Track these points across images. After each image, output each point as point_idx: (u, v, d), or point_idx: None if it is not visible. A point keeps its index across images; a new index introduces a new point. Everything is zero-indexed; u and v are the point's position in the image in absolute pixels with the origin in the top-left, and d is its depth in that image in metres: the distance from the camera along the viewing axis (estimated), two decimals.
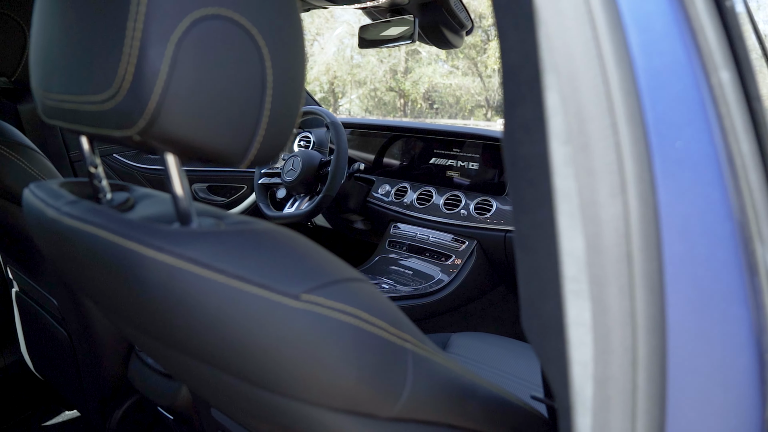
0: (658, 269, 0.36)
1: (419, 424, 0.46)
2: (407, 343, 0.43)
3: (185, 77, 0.36)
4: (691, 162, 0.35)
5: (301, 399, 0.39)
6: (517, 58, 0.37)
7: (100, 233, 0.39)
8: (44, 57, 0.45)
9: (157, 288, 0.37)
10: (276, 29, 0.40)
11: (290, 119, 0.43)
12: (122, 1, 0.35)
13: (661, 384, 0.38)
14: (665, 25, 0.34)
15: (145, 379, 1.01)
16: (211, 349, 0.39)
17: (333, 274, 0.40)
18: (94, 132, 0.42)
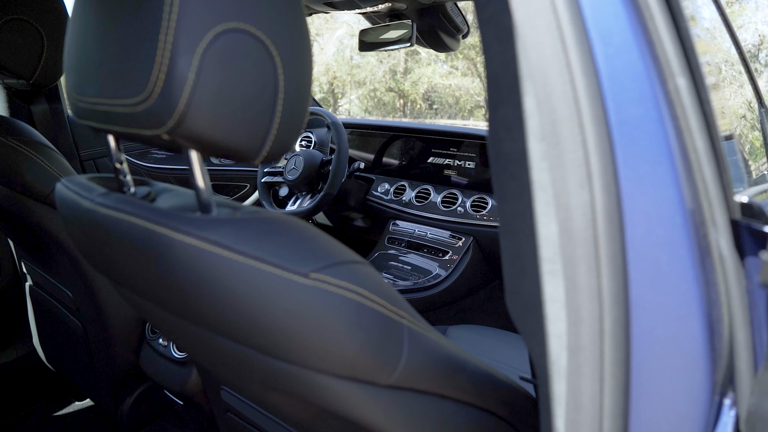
0: (621, 250, 0.41)
1: (414, 393, 0.51)
2: (403, 320, 0.48)
3: (209, 83, 0.41)
4: (648, 157, 0.40)
5: (309, 366, 0.45)
6: (498, 66, 0.42)
7: (134, 220, 0.45)
8: (79, 65, 0.51)
9: (185, 267, 0.42)
10: (287, 40, 0.45)
11: (299, 120, 0.48)
12: (154, 16, 0.41)
13: (626, 351, 0.43)
14: (625, 39, 0.40)
15: (157, 366, 1.07)
16: (230, 321, 0.44)
17: (338, 256, 0.45)
18: (126, 131, 0.47)
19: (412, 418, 0.52)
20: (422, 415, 0.53)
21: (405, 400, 0.51)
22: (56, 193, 0.59)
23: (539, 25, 0.39)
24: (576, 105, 0.39)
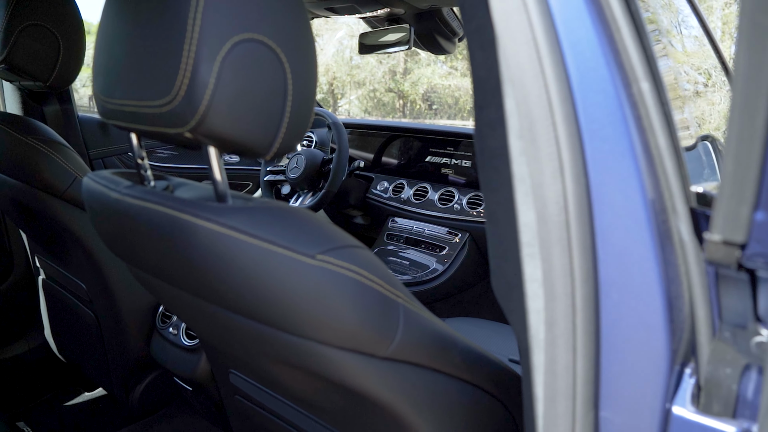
0: (590, 234, 0.47)
1: (410, 366, 0.57)
2: (399, 299, 0.54)
3: (227, 87, 0.47)
4: (613, 152, 0.46)
5: (315, 339, 0.50)
6: (482, 72, 0.48)
7: (159, 209, 0.50)
8: (107, 70, 0.56)
9: (206, 249, 0.48)
10: (295, 49, 0.51)
11: (306, 120, 0.54)
12: (179, 28, 0.46)
13: (595, 324, 0.48)
14: (593, 48, 0.45)
15: (167, 354, 1.12)
16: (244, 298, 0.50)
17: (341, 241, 0.51)
18: (150, 130, 0.53)
19: (408, 389, 0.58)
20: (417, 386, 0.58)
21: (401, 372, 0.56)
22: (84, 186, 0.64)
23: (517, 37, 0.45)
24: (549, 106, 0.45)
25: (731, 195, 0.36)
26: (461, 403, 0.64)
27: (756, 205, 0.35)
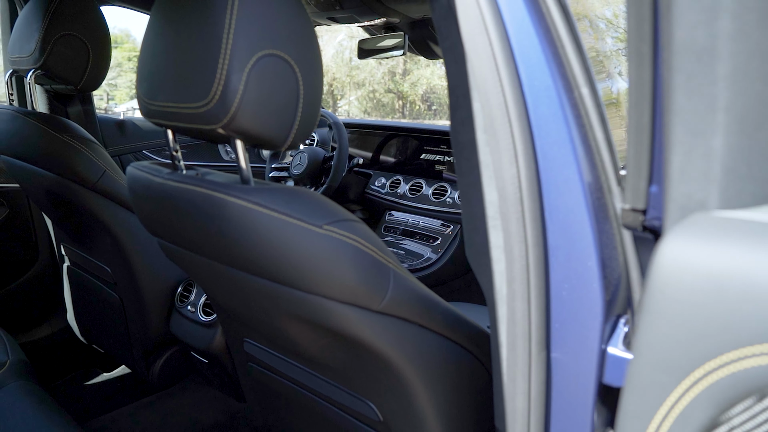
0: (539, 209, 0.59)
1: (399, 320, 0.69)
2: (390, 264, 0.66)
3: (252, 93, 0.59)
4: (556, 143, 0.58)
5: (320, 294, 0.63)
6: (455, 80, 0.60)
7: (198, 189, 0.63)
8: (151, 77, 0.68)
9: (235, 221, 0.60)
10: (305, 61, 0.63)
11: (313, 118, 0.66)
12: (215, 46, 0.59)
13: (545, 280, 0.61)
14: (540, 62, 0.57)
15: (186, 330, 1.24)
16: (264, 262, 0.62)
17: (343, 215, 0.63)
18: (188, 126, 0.65)
19: (398, 341, 0.70)
20: (406, 339, 0.71)
21: (392, 325, 0.68)
22: (128, 174, 0.77)
23: (481, 54, 0.57)
24: (506, 108, 0.57)
25: (633, 174, 0.48)
26: (444, 358, 0.76)
27: (650, 181, 0.47)
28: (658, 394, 0.37)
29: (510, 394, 0.64)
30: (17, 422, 0.94)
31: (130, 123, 1.90)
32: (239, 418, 1.31)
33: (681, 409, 0.36)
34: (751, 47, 0.34)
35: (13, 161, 1.24)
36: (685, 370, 0.35)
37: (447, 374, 0.76)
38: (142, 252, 1.23)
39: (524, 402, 0.63)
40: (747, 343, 0.32)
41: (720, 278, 0.33)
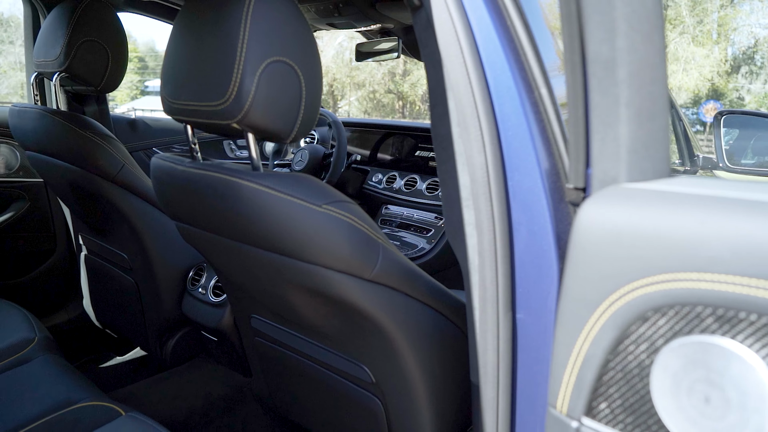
0: (504, 190, 0.70)
1: (387, 288, 0.80)
2: (379, 240, 0.77)
3: (262, 93, 0.70)
4: (518, 135, 0.69)
5: (319, 264, 0.74)
6: (434, 82, 0.71)
7: (215, 174, 0.74)
8: (174, 79, 0.79)
9: (247, 201, 0.71)
10: (307, 66, 0.74)
11: (314, 115, 0.77)
12: (231, 54, 0.70)
13: (510, 251, 0.71)
14: (504, 67, 0.68)
15: (197, 310, 1.36)
16: (271, 236, 0.73)
17: (339, 197, 0.74)
18: (206, 122, 0.76)
19: (388, 307, 0.81)
20: (395, 306, 0.82)
21: (382, 292, 0.79)
22: (153, 164, 0.88)
23: (454, 60, 0.68)
24: (475, 105, 0.68)
25: (574, 158, 0.59)
26: (428, 324, 0.87)
27: (587, 164, 0.58)
28: (578, 324, 0.48)
29: (482, 349, 0.75)
30: (49, 389, 1.05)
31: (141, 122, 2.02)
32: (246, 391, 1.42)
33: (594, 334, 0.47)
34: (640, 58, 0.44)
35: (39, 156, 1.35)
36: (596, 303, 0.46)
37: (431, 339, 0.87)
38: (157, 239, 1.34)
39: (494, 356, 0.74)
40: (635, 278, 0.43)
41: (619, 231, 0.44)
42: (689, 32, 21.17)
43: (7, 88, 27.23)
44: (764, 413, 0.37)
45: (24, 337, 1.21)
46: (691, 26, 21.23)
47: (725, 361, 0.38)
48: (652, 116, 0.46)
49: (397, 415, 0.93)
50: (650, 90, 0.45)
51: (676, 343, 0.41)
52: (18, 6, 31.25)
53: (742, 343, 0.37)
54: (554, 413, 0.53)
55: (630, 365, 0.44)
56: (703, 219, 0.39)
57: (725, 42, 22.48)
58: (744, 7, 23.78)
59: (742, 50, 23.53)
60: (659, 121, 0.47)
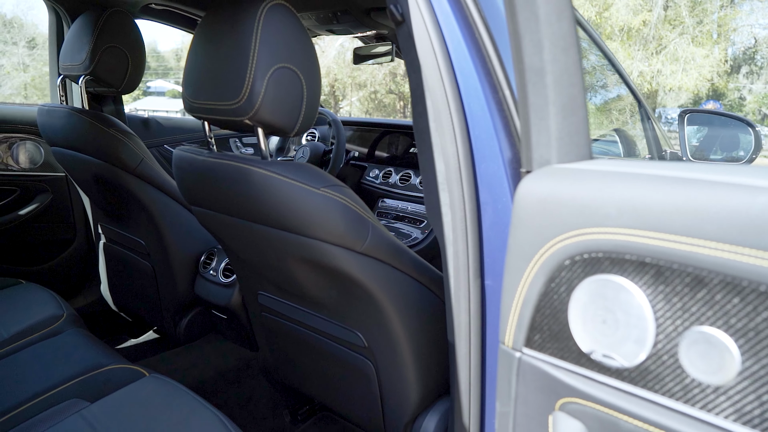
0: (473, 175, 0.84)
1: (377, 261, 0.93)
2: (369, 219, 0.91)
3: (270, 94, 0.84)
4: (484, 128, 0.82)
5: (318, 238, 0.87)
6: (415, 84, 0.85)
7: (231, 163, 0.87)
8: (195, 82, 0.93)
9: (257, 185, 0.85)
10: (308, 71, 0.88)
11: (314, 113, 0.91)
12: (244, 61, 0.83)
13: (478, 227, 0.85)
14: (472, 72, 0.82)
15: (208, 290, 1.49)
16: (277, 215, 0.87)
17: (335, 182, 0.88)
18: (222, 119, 0.90)
19: (377, 278, 0.94)
20: (383, 277, 0.95)
21: (373, 264, 0.93)
22: (175, 154, 1.01)
23: (429, 67, 0.82)
24: (448, 104, 0.82)
25: (525, 147, 0.73)
26: (413, 294, 1.01)
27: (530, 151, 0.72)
28: (519, 274, 0.62)
29: (456, 312, 0.88)
30: (80, 356, 1.19)
31: (154, 121, 2.16)
32: (252, 363, 1.56)
33: (530, 281, 0.60)
34: (560, 67, 0.58)
35: (65, 151, 1.49)
36: (530, 256, 0.60)
37: (414, 306, 1.01)
38: (172, 226, 1.48)
39: (466, 317, 0.88)
40: (556, 235, 0.56)
41: (544, 200, 0.58)
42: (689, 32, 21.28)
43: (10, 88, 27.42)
44: (641, 327, 0.50)
45: (53, 313, 1.35)
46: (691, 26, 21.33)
47: (616, 292, 0.52)
48: (573, 112, 0.60)
49: (386, 375, 1.06)
50: (570, 92, 0.59)
51: (585, 282, 0.54)
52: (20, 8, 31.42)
53: (626, 278, 0.51)
54: (503, 348, 0.67)
55: (554, 302, 0.58)
56: (600, 188, 0.53)
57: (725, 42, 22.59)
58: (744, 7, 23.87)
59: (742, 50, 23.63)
60: (579, 116, 0.60)
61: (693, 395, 0.47)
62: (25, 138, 1.80)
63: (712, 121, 1.48)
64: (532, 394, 0.63)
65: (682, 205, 0.46)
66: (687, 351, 0.47)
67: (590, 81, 1.56)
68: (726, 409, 0.45)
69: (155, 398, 1.00)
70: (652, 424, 0.50)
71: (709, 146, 1.62)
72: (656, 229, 0.48)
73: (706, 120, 1.50)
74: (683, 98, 22.77)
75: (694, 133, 1.72)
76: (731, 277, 0.43)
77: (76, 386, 1.08)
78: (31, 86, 27.72)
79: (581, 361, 0.56)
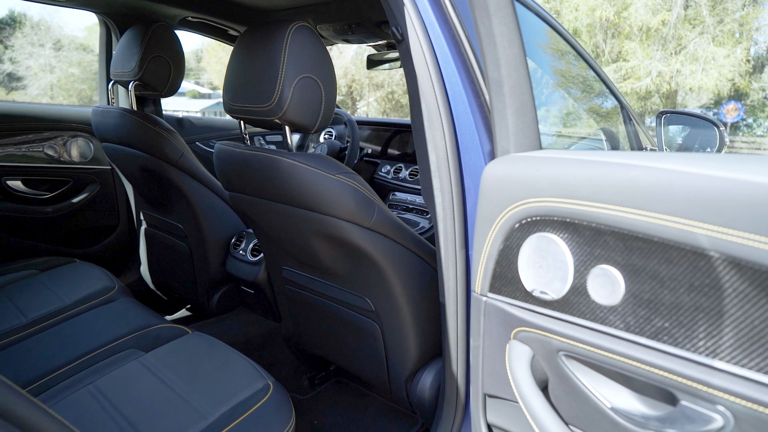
0: (458, 165, 1.03)
1: (382, 236, 1.13)
2: (375, 201, 1.11)
3: (295, 98, 1.05)
4: (468, 126, 1.02)
5: (333, 216, 1.07)
6: (412, 90, 1.05)
7: (263, 154, 1.08)
8: (234, 88, 1.14)
9: (284, 172, 1.05)
10: (326, 79, 1.09)
11: (330, 113, 1.11)
12: (274, 71, 1.04)
13: (463, 206, 1.05)
14: (457, 81, 1.01)
15: (238, 268, 1.71)
16: (300, 196, 1.07)
17: (347, 170, 1.08)
18: (256, 118, 1.11)
19: (383, 249, 1.14)
20: (387, 249, 1.15)
21: (378, 238, 1.13)
22: (216, 147, 1.23)
23: (423, 77, 1.02)
24: (438, 107, 1.02)
25: (497, 138, 0.92)
26: (412, 265, 1.21)
27: (495, 143, 0.91)
28: (484, 236, 0.81)
29: (446, 276, 1.08)
30: (132, 317, 1.41)
31: (187, 120, 2.39)
32: (275, 332, 1.77)
33: (492, 240, 0.80)
34: (513, 80, 0.77)
35: (116, 146, 1.71)
36: (492, 221, 0.79)
37: (414, 275, 1.21)
38: (207, 212, 1.70)
39: (453, 281, 1.07)
40: (508, 204, 0.76)
41: (501, 178, 0.77)
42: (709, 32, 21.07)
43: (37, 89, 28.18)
44: (564, 269, 0.69)
45: (106, 285, 1.58)
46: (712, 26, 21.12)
47: (548, 245, 0.71)
48: (524, 113, 0.79)
49: (390, 335, 1.27)
50: (522, 98, 0.79)
51: (528, 238, 0.74)
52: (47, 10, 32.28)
53: (554, 234, 0.70)
54: (474, 295, 0.86)
55: (509, 256, 0.77)
56: (538, 169, 0.72)
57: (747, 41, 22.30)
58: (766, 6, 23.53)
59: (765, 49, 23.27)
60: (529, 116, 0.80)
61: (596, 315, 0.67)
62: (77, 135, 2.04)
63: (686, 122, 1.65)
64: (494, 329, 0.83)
65: (587, 179, 0.65)
66: (592, 283, 0.66)
67: (580, 88, 1.75)
68: (616, 322, 0.65)
69: (199, 349, 1.21)
70: (571, 339, 0.70)
71: (691, 144, 1.79)
72: (572, 197, 0.67)
73: (681, 120, 1.67)
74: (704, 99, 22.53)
75: (679, 132, 1.89)
76: (618, 229, 0.63)
77: (131, 340, 1.30)
78: (57, 87, 28.45)
79: (527, 298, 0.76)
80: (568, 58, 1.57)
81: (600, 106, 1.73)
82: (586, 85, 1.69)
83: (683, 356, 0.58)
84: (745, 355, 0.53)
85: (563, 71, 1.64)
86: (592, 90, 1.71)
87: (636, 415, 0.65)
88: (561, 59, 1.59)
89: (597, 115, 1.78)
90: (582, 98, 1.75)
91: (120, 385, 1.08)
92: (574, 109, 1.89)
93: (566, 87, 1.74)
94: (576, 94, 1.73)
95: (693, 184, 0.55)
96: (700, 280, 0.55)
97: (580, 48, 1.53)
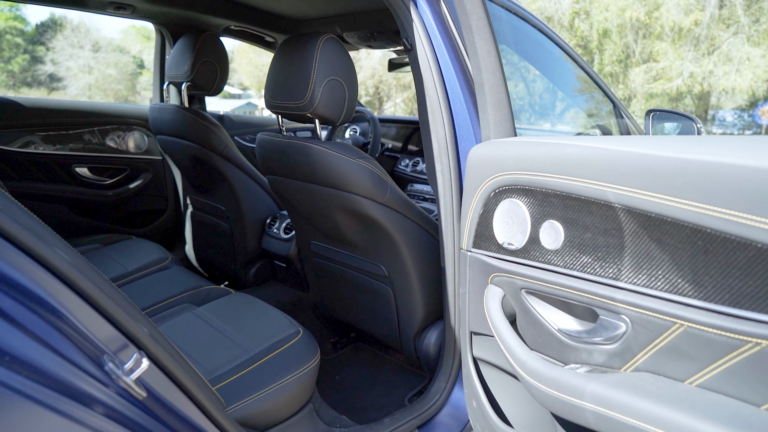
0: (456, 151, 1.26)
1: (394, 210, 1.37)
2: (389, 181, 1.35)
3: (324, 97, 1.29)
4: (464, 120, 1.24)
5: (354, 193, 1.31)
6: (419, 91, 1.28)
7: (297, 142, 1.33)
8: (274, 88, 1.39)
9: (315, 156, 1.30)
10: (349, 81, 1.33)
11: (352, 110, 1.35)
12: (307, 74, 1.29)
13: (459, 184, 1.28)
14: (455, 83, 1.24)
15: (273, 244, 1.97)
16: (326, 177, 1.31)
17: (366, 156, 1.32)
18: (292, 113, 1.35)
19: (395, 222, 1.38)
20: (399, 222, 1.39)
21: (391, 212, 1.37)
22: (259, 137, 1.48)
23: (428, 80, 1.25)
24: (439, 104, 1.25)
25: (481, 128, 1.15)
26: (419, 236, 1.44)
27: (480, 132, 1.14)
28: (468, 204, 1.04)
29: (446, 244, 1.31)
30: (185, 280, 1.67)
31: (227, 117, 2.67)
32: (304, 301, 2.03)
33: (474, 206, 1.03)
34: (492, 82, 0.99)
35: (170, 138, 1.99)
36: (474, 191, 1.02)
37: (420, 245, 1.44)
38: (247, 196, 1.96)
39: (452, 246, 1.30)
40: (485, 178, 0.98)
41: (480, 157, 1.00)
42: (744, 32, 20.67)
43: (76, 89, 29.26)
44: (524, 225, 0.92)
45: (161, 256, 1.85)
46: (747, 26, 20.71)
47: (514, 207, 0.93)
48: (501, 108, 1.02)
49: (400, 296, 1.50)
50: (498, 97, 1.01)
51: (500, 204, 0.97)
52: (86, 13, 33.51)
53: (518, 199, 0.93)
54: (462, 251, 1.09)
55: (487, 218, 1.00)
56: (507, 149, 0.95)
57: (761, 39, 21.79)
58: None
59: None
60: (505, 110, 1.02)
61: (545, 257, 0.89)
62: (134, 129, 2.34)
63: (671, 118, 1.84)
64: (476, 276, 1.06)
65: (538, 156, 0.88)
66: (543, 234, 0.89)
67: (578, 90, 1.95)
68: (558, 262, 0.87)
69: (243, 303, 1.47)
70: (529, 278, 0.92)
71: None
72: (528, 170, 0.90)
73: (668, 117, 1.86)
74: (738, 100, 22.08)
75: (673, 129, 2.08)
76: (558, 191, 0.85)
77: (186, 297, 1.56)
78: (95, 87, 29.46)
79: (499, 250, 0.99)
80: (564, 63, 1.78)
81: (595, 106, 1.93)
82: (583, 87, 1.89)
83: (599, 281, 0.80)
84: (636, 276, 0.75)
85: (558, 74, 1.86)
86: (586, 91, 1.91)
87: (573, 333, 0.87)
88: (557, 63, 1.80)
89: (592, 113, 1.98)
90: (578, 99, 1.95)
91: (179, 329, 1.34)
92: (572, 109, 2.10)
93: (566, 90, 1.95)
94: (575, 96, 1.94)
95: (604, 156, 0.77)
96: (609, 225, 0.77)
97: (572, 52, 1.74)
